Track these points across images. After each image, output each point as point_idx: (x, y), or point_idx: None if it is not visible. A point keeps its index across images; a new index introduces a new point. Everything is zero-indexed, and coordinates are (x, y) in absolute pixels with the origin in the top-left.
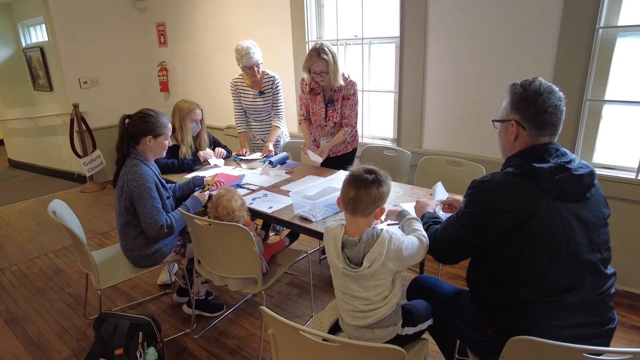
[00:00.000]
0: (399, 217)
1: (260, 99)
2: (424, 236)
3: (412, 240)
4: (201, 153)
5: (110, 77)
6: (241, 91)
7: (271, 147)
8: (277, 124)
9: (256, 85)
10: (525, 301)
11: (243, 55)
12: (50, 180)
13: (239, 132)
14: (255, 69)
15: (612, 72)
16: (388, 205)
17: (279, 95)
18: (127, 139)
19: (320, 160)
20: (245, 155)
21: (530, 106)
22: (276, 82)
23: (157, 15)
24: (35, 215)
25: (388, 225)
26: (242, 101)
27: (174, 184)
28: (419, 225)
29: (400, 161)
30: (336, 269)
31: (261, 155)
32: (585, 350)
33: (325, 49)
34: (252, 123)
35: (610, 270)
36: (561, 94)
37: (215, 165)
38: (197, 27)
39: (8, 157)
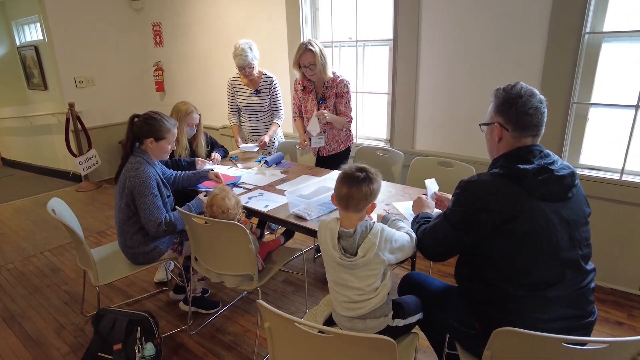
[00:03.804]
0: (384, 220)
1: (256, 98)
2: (410, 231)
3: (402, 234)
4: (198, 160)
5: (106, 77)
6: (237, 89)
7: (267, 140)
8: (277, 121)
9: (253, 83)
10: (510, 296)
11: (237, 55)
12: (45, 179)
13: (232, 125)
14: (247, 70)
15: (598, 76)
16: (380, 205)
17: (278, 95)
18: (132, 138)
19: (317, 130)
20: (240, 146)
21: (512, 108)
22: (274, 83)
23: (153, 15)
24: (31, 214)
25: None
26: (237, 99)
27: (177, 172)
28: (403, 224)
29: (393, 161)
30: (331, 260)
31: (256, 145)
32: (564, 340)
33: (312, 42)
34: (247, 123)
35: (590, 266)
36: (542, 97)
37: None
38: (192, 28)
39: (2, 156)
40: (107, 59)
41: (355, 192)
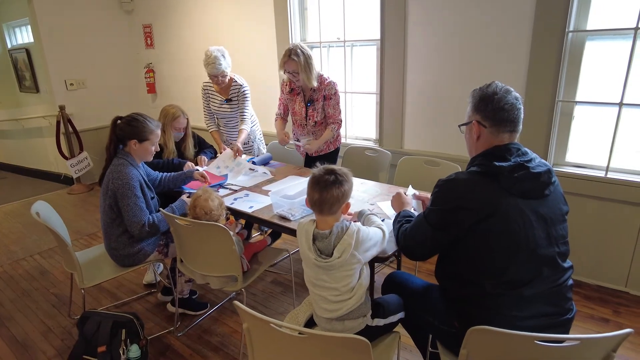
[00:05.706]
0: (360, 215)
1: (227, 106)
2: (382, 225)
3: (376, 231)
4: (190, 164)
5: (97, 79)
6: (210, 95)
7: (240, 145)
8: (243, 127)
9: (224, 91)
10: (488, 294)
11: (209, 63)
12: (36, 182)
13: (211, 132)
14: (220, 78)
15: (582, 74)
16: (365, 205)
17: (246, 102)
18: (115, 140)
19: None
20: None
21: (489, 105)
22: (242, 89)
23: (143, 17)
24: (21, 217)
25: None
26: (210, 105)
27: (162, 174)
28: (376, 218)
29: (381, 161)
30: (308, 261)
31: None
32: (537, 338)
33: (298, 50)
34: (222, 128)
35: (567, 263)
36: (517, 94)
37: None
38: (183, 29)
39: None
40: (98, 61)
41: (326, 196)
